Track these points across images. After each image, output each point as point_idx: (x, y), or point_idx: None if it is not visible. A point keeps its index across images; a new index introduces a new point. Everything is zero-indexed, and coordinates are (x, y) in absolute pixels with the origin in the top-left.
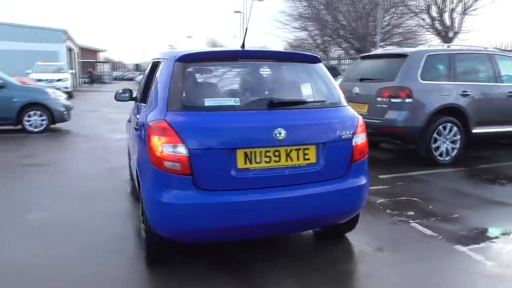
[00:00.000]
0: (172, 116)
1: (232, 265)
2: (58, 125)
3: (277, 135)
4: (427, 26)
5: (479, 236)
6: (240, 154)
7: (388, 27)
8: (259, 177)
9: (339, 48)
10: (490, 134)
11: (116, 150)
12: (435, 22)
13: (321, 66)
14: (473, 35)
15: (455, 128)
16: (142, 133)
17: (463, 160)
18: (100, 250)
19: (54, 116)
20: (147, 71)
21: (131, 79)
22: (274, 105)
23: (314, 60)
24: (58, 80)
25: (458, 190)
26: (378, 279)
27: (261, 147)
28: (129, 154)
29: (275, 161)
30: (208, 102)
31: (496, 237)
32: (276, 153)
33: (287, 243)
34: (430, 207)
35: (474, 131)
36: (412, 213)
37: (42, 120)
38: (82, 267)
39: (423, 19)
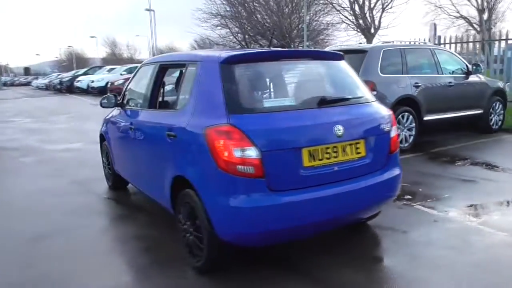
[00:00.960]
0: (237, 119)
1: (290, 263)
2: None
3: (337, 131)
4: (350, 23)
5: (481, 211)
6: (305, 152)
7: (315, 23)
8: (322, 174)
9: (259, 46)
10: (438, 120)
11: (66, 161)
12: (359, 19)
13: (345, 63)
14: (391, 31)
15: (410, 117)
16: (187, 138)
17: (418, 145)
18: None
19: None
20: (149, 75)
21: (26, 84)
22: (325, 102)
23: (341, 57)
24: None
25: (430, 173)
26: (416, 258)
27: (323, 144)
28: (105, 157)
29: (334, 157)
30: (267, 103)
31: (495, 210)
32: (335, 149)
33: (319, 238)
34: (420, 189)
35: (425, 118)
36: (409, 196)
37: None
38: None
39: (346, 16)
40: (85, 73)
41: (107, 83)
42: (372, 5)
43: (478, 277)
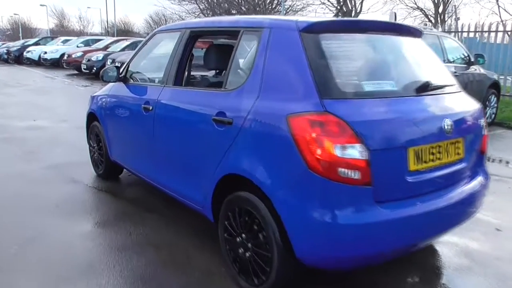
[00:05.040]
0: (335, 106)
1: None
2: None
3: (446, 127)
4: (331, 7)
5: None
6: (411, 152)
7: (293, 3)
8: (426, 180)
9: None
10: None
11: (35, 141)
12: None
13: (423, 42)
14: (371, 16)
15: None
16: (253, 127)
17: None
18: None
19: None
20: (173, 44)
21: None
22: (424, 89)
23: (421, 34)
24: None
25: None
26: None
27: (431, 143)
28: (94, 140)
29: (438, 159)
30: (367, 86)
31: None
32: (439, 149)
33: None
34: None
35: None
36: None
37: None
38: None
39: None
40: (36, 43)
41: (62, 55)
42: None
43: None
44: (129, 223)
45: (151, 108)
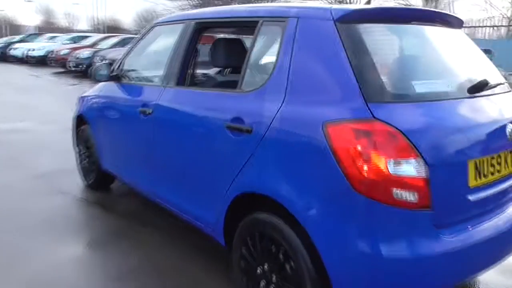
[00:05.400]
0: (386, 111)
1: None
2: None
3: (511, 133)
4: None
5: None
6: (471, 166)
7: None
8: (487, 197)
9: None
10: None
11: (19, 146)
12: None
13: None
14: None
15: None
16: (280, 136)
17: None
18: None
19: None
20: (175, 39)
21: None
22: (477, 89)
23: (462, 24)
24: None
25: None
26: None
27: (492, 153)
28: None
29: (497, 171)
30: (419, 86)
31: None
32: (499, 160)
33: None
34: None
35: None
36: None
37: None
38: None
39: None
40: (21, 40)
41: (48, 52)
42: None
43: None
44: (124, 242)
45: (150, 111)
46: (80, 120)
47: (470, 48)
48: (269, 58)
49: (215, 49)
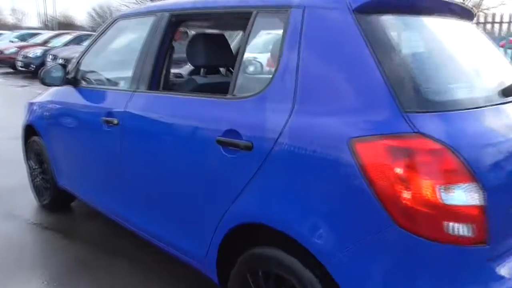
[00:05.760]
0: (430, 123)
1: None
2: None
3: None
4: None
5: None
6: None
7: None
8: None
9: None
10: None
11: None
12: None
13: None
14: None
15: None
16: (289, 156)
17: None
18: None
19: None
20: (144, 35)
21: None
22: (508, 93)
23: (473, 16)
24: None
25: None
26: None
27: None
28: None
29: None
30: (458, 91)
31: None
32: None
33: None
34: None
35: None
36: None
37: None
38: None
39: None
40: None
41: None
42: None
43: None
44: (90, 280)
45: (116, 121)
46: (30, 131)
47: (487, 43)
48: (269, 56)
49: (192, 45)
